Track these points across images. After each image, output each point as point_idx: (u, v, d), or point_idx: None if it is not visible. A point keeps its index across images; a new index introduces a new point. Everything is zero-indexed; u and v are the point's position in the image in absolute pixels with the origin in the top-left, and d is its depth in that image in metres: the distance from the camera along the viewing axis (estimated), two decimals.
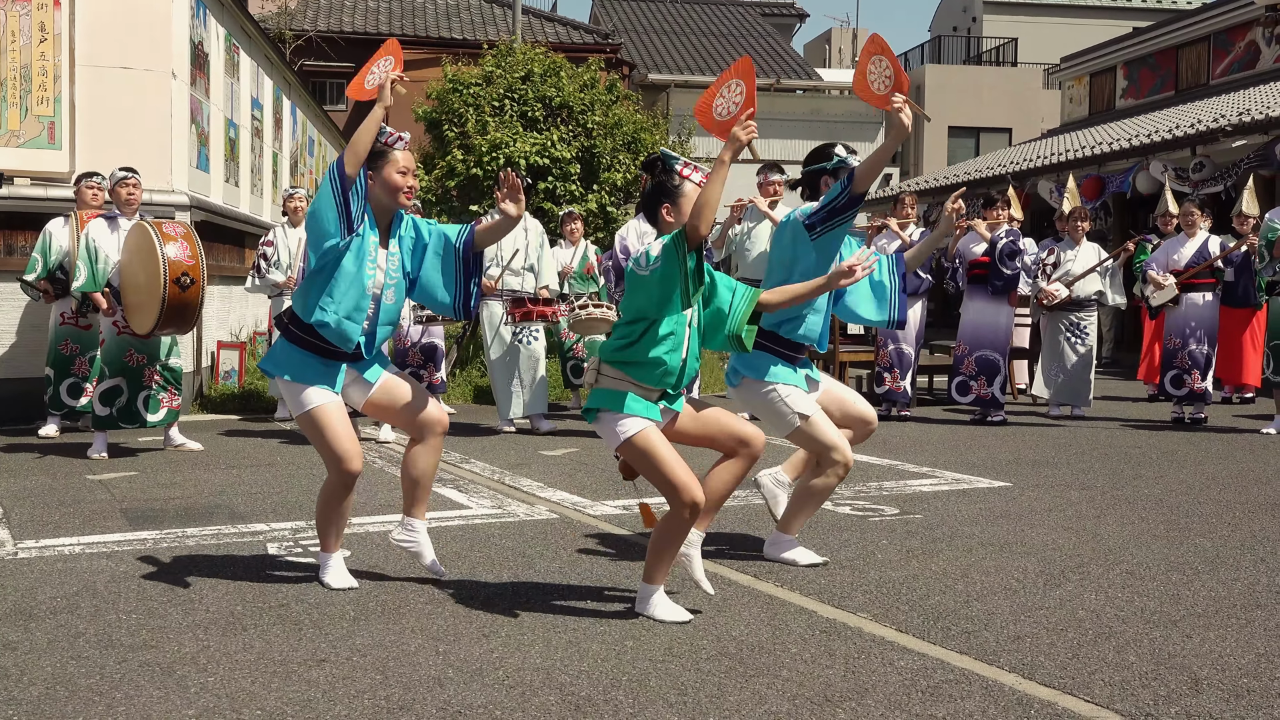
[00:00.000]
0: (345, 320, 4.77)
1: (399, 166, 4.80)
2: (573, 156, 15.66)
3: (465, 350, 13.70)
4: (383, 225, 4.88)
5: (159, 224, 8.10)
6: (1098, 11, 39.25)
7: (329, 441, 4.77)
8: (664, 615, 4.45)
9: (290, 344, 4.85)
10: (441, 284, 4.93)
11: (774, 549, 5.47)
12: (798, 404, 5.19)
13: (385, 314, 4.90)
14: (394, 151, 4.81)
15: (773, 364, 5.25)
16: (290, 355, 4.85)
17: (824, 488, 5.35)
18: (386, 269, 4.85)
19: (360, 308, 4.79)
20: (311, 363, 4.82)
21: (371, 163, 4.79)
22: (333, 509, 4.91)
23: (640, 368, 4.44)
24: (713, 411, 4.67)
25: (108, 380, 8.41)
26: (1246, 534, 6.07)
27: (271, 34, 19.65)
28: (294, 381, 4.81)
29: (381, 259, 4.85)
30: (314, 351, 4.82)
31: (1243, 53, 22.78)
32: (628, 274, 4.50)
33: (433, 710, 3.53)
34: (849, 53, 40.40)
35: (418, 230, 4.95)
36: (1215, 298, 11.03)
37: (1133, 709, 3.56)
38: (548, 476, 7.77)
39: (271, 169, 16.02)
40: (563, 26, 28.90)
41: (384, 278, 4.85)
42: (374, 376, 4.93)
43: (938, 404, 12.73)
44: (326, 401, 4.79)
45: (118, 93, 10.63)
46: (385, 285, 4.86)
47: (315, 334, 4.80)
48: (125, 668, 3.90)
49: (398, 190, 4.80)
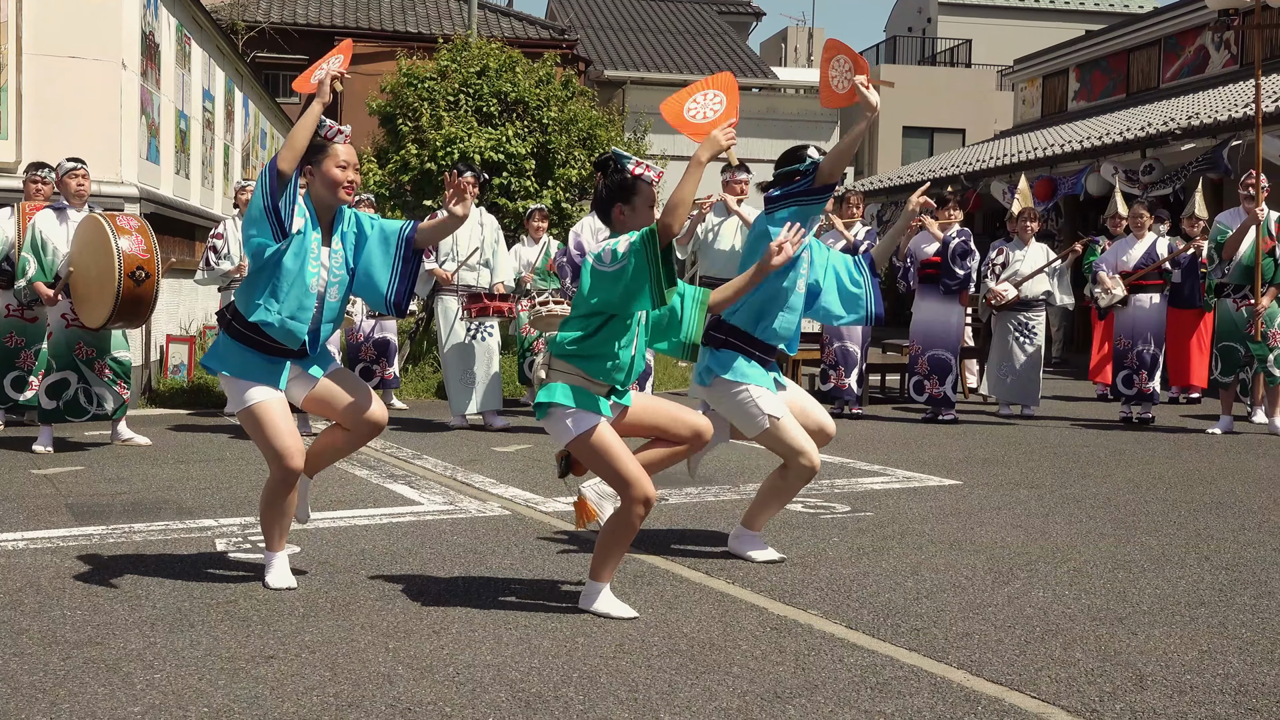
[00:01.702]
0: (290, 320, 4.72)
1: (338, 161, 4.72)
2: (528, 152, 15.62)
3: (418, 345, 13.65)
4: (325, 222, 4.82)
5: (112, 216, 8.01)
6: (1051, 14, 39.55)
7: (269, 437, 4.72)
8: (611, 611, 4.45)
9: (233, 340, 4.79)
10: (377, 278, 4.85)
11: (738, 544, 5.49)
12: (767, 405, 5.21)
13: (329, 311, 4.85)
14: (333, 145, 4.74)
15: (746, 364, 5.28)
16: (232, 351, 4.79)
17: (787, 490, 5.37)
18: (330, 266, 4.80)
19: (304, 307, 4.74)
20: (254, 359, 4.76)
21: (311, 158, 4.74)
22: (275, 507, 4.85)
23: (593, 361, 4.44)
24: (659, 401, 4.68)
25: (55, 374, 8.32)
26: (1191, 532, 6.14)
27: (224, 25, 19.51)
28: (235, 378, 4.76)
29: (324, 256, 4.79)
30: (257, 349, 4.76)
31: (1193, 57, 23.04)
32: (587, 269, 4.45)
33: (382, 707, 3.52)
34: (805, 52, 40.52)
35: (360, 225, 4.88)
36: (1163, 299, 11.15)
37: (1079, 705, 3.60)
38: (500, 473, 7.76)
39: (223, 161, 15.89)
40: (519, 21, 28.83)
41: (328, 275, 4.79)
42: (317, 373, 4.89)
43: (889, 402, 12.80)
44: (268, 397, 4.73)
45: (66, 82, 10.51)
46: (329, 283, 4.81)
47: (259, 331, 4.74)
48: (70, 665, 3.86)
49: (337, 185, 4.73)
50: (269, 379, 4.75)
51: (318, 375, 4.88)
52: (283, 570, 4.88)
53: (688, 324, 4.63)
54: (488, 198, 15.05)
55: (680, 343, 4.69)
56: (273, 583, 4.82)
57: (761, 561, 5.37)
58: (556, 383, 4.45)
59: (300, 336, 4.76)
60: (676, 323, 4.64)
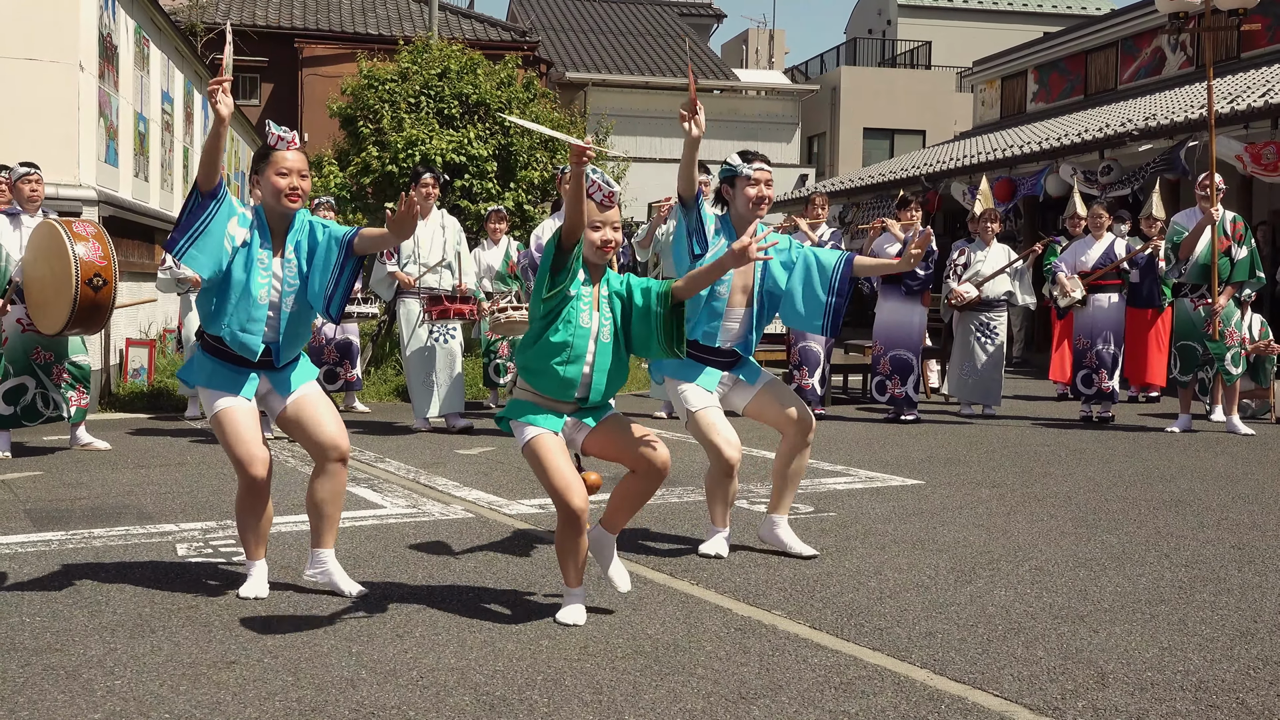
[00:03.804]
0: (240, 332, 4.64)
1: (278, 168, 4.65)
2: (490, 154, 15.59)
3: (380, 348, 13.59)
4: (278, 231, 4.74)
5: (69, 223, 7.91)
6: (1010, 16, 39.83)
7: (231, 444, 4.66)
8: (569, 620, 4.42)
9: (203, 351, 4.78)
10: (316, 284, 4.73)
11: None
12: (691, 399, 5.48)
13: (289, 321, 4.74)
14: (275, 152, 4.68)
15: (680, 364, 5.47)
16: (204, 363, 4.77)
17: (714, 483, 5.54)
18: (284, 276, 4.71)
19: (255, 318, 4.65)
20: (221, 369, 4.73)
21: (256, 165, 4.73)
22: (244, 514, 4.79)
23: (537, 376, 4.49)
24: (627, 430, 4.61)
25: (12, 379, 8.23)
26: (1151, 530, 6.20)
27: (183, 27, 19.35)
28: (206, 388, 4.74)
29: (276, 266, 4.70)
30: (222, 359, 4.73)
31: (1149, 59, 23.26)
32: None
33: (345, 712, 3.50)
34: (766, 54, 40.64)
35: (313, 232, 4.77)
36: (1121, 299, 11.26)
37: (1041, 703, 3.62)
38: (463, 475, 7.73)
39: (182, 163, 15.77)
40: (480, 23, 28.78)
41: (282, 285, 4.71)
42: (288, 389, 4.80)
43: (852, 403, 12.85)
44: (232, 405, 4.68)
45: (22, 84, 10.41)
46: (285, 293, 4.71)
47: (221, 342, 4.71)
48: (29, 671, 3.82)
49: (279, 193, 4.66)
50: (234, 388, 4.71)
51: (287, 392, 4.78)
52: (256, 581, 4.80)
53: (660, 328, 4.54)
54: (450, 200, 15.01)
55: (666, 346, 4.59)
56: (242, 592, 4.77)
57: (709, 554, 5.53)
58: (515, 398, 4.58)
59: (254, 348, 4.67)
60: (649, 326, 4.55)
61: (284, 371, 4.83)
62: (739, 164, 5.52)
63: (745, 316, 5.58)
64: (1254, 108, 15.02)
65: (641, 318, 4.54)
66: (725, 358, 5.57)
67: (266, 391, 4.81)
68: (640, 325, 4.55)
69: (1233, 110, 15.24)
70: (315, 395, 4.83)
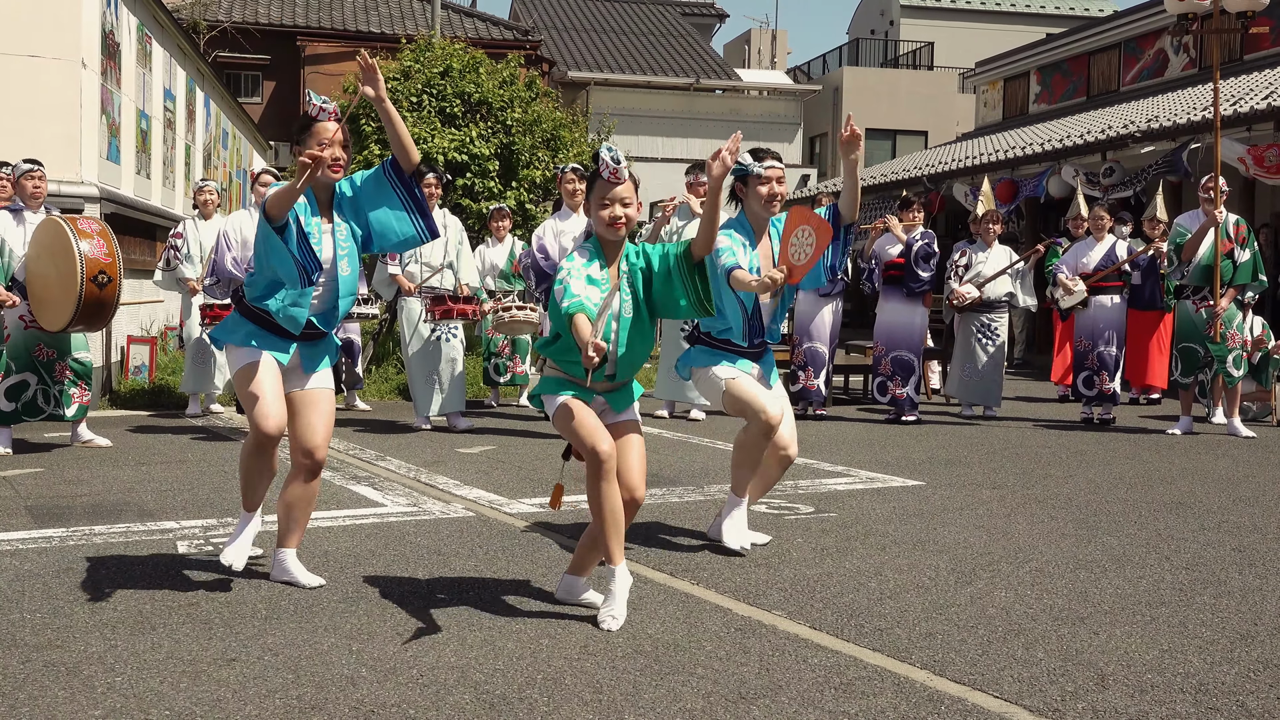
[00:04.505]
0: (291, 307, 4.78)
1: (318, 139, 4.75)
2: (491, 153, 15.60)
3: (382, 346, 13.59)
4: (324, 200, 4.85)
5: (73, 219, 7.92)
6: (1013, 17, 39.84)
7: (250, 394, 4.75)
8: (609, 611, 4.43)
9: (242, 317, 4.86)
10: (394, 217, 4.85)
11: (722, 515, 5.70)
12: (720, 373, 5.54)
13: (344, 285, 4.88)
14: (316, 124, 4.79)
15: (705, 355, 5.60)
16: (240, 324, 4.85)
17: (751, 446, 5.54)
18: (336, 241, 4.83)
19: (306, 293, 4.79)
20: (259, 333, 4.82)
21: (298, 138, 4.81)
22: (249, 465, 4.86)
23: (565, 364, 4.51)
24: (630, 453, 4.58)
25: (15, 375, 8.24)
26: (1152, 532, 6.20)
27: (185, 24, 19.36)
28: (238, 346, 4.81)
29: (330, 233, 4.83)
30: (265, 327, 4.83)
31: (1152, 60, 23.25)
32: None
33: (345, 710, 3.50)
34: (768, 53, 40.64)
35: (343, 190, 4.88)
36: (1123, 300, 11.26)
37: (1041, 705, 3.62)
38: (464, 474, 7.73)
39: (184, 161, 15.78)
40: (482, 22, 28.78)
41: (334, 252, 4.83)
42: (312, 368, 4.90)
43: (853, 403, 12.85)
44: (259, 359, 4.77)
45: (24, 81, 10.41)
46: (338, 258, 4.83)
47: (269, 314, 4.80)
48: (29, 668, 3.82)
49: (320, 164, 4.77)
50: (269, 347, 4.80)
51: (306, 375, 4.89)
52: (241, 542, 4.86)
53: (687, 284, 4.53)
54: (451, 198, 15.01)
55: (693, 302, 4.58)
56: (223, 557, 4.83)
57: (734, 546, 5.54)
58: (546, 376, 4.61)
59: (300, 320, 4.81)
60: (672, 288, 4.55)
61: (319, 346, 4.93)
62: (750, 163, 5.52)
63: (769, 308, 5.61)
64: (1257, 110, 15.02)
65: (664, 280, 4.55)
66: (735, 347, 5.62)
67: (294, 366, 4.90)
68: (663, 288, 4.56)
69: (1236, 112, 15.24)
70: (323, 397, 4.93)
